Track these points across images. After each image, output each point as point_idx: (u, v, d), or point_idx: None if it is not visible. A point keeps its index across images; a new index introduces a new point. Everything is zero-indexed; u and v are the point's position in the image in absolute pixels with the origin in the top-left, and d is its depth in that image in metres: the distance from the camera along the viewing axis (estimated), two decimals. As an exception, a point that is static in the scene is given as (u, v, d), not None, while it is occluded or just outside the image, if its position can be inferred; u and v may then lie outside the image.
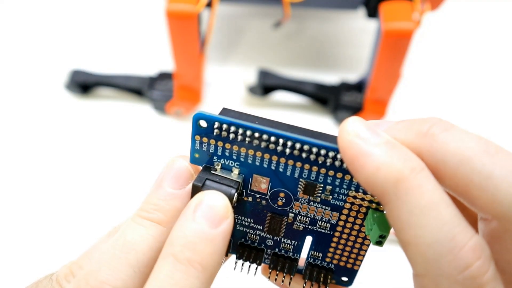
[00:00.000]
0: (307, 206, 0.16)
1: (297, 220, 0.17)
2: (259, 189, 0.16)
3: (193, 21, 0.39)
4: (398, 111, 0.53)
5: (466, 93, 0.55)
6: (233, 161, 0.16)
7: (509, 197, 0.11)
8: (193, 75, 0.46)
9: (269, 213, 0.17)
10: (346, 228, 0.17)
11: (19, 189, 0.47)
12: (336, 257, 0.18)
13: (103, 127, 0.52)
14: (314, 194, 0.16)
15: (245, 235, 0.18)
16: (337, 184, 0.15)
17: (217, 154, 0.16)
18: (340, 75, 0.53)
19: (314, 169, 0.15)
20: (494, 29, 0.61)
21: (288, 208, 0.17)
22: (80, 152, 0.50)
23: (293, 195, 0.16)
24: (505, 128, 0.53)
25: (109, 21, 0.60)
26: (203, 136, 0.16)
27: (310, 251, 0.18)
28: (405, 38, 0.38)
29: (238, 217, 0.18)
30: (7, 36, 0.59)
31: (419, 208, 0.11)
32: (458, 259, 0.11)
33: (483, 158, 0.12)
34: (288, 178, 0.16)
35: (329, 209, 0.16)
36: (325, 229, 0.17)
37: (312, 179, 0.15)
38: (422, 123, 0.14)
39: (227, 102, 0.53)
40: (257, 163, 0.16)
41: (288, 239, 0.18)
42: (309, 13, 0.61)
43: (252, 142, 0.15)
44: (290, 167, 0.15)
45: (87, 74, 0.51)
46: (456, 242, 0.11)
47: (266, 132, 0.15)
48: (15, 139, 0.51)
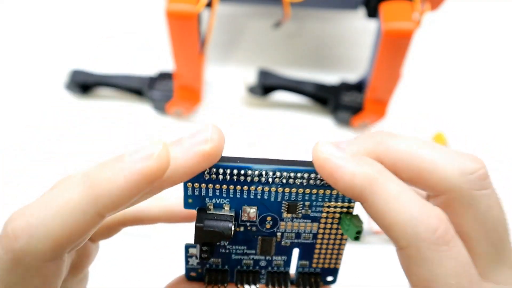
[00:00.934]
0: (291, 223, 0.19)
1: (284, 237, 0.20)
2: (249, 218, 0.19)
3: (193, 21, 0.39)
4: (398, 111, 0.53)
5: (466, 93, 0.55)
6: (223, 199, 0.18)
7: (451, 173, 0.16)
8: (193, 75, 0.46)
9: (259, 237, 0.19)
10: (325, 234, 0.20)
11: (19, 189, 0.47)
12: (321, 261, 0.21)
13: (103, 127, 0.52)
14: (296, 211, 0.19)
15: (241, 262, 0.20)
16: (313, 199, 0.18)
17: (208, 195, 0.18)
18: (340, 75, 0.53)
19: (293, 190, 0.18)
20: (494, 29, 0.61)
21: (276, 229, 0.19)
22: (80, 152, 0.50)
23: (278, 217, 0.19)
24: (505, 127, 0.53)
25: (109, 21, 0.60)
26: (195, 182, 0.17)
27: (298, 261, 0.21)
28: (405, 38, 0.38)
29: (233, 247, 0.20)
30: (7, 36, 0.59)
31: (392, 197, 0.15)
32: (429, 226, 0.15)
33: (426, 151, 0.16)
34: (273, 203, 0.18)
35: (310, 221, 0.19)
36: (309, 239, 0.20)
37: (293, 199, 0.18)
38: (374, 135, 0.17)
39: (227, 102, 0.53)
40: (244, 196, 0.18)
41: (278, 256, 0.20)
42: (309, 13, 0.61)
43: (239, 179, 0.17)
44: (273, 194, 0.18)
45: (87, 74, 0.51)
46: (425, 214, 0.15)
47: (249, 168, 0.17)
48: (15, 139, 0.51)
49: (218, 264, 0.20)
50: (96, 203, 0.15)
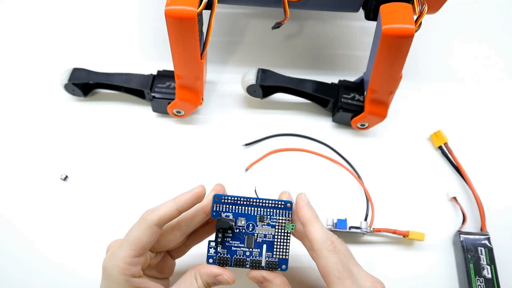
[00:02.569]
0: (261, 228, 0.35)
1: (258, 236, 0.35)
2: (241, 224, 0.35)
3: (192, 22, 0.39)
4: (398, 111, 0.53)
5: (465, 93, 0.55)
6: (229, 212, 0.35)
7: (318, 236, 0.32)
8: (193, 76, 0.46)
9: (246, 236, 0.35)
10: (277, 235, 0.35)
11: (19, 189, 0.47)
12: (278, 253, 0.35)
13: (103, 128, 0.51)
14: (264, 221, 0.35)
15: (236, 252, 0.35)
16: (272, 215, 0.35)
17: (223, 210, 0.35)
18: (340, 75, 0.53)
19: (264, 210, 0.35)
20: (494, 29, 0.61)
21: (254, 231, 0.35)
22: (80, 153, 0.50)
23: (255, 224, 0.35)
24: (504, 127, 0.53)
25: (109, 21, 0.60)
26: (217, 203, 0.35)
27: (266, 253, 0.35)
28: (405, 39, 0.38)
29: (233, 242, 0.35)
30: (6, 36, 0.59)
31: (317, 225, 0.33)
32: (330, 238, 0.32)
33: (312, 225, 0.33)
34: (252, 216, 0.35)
35: (270, 227, 0.35)
36: (270, 238, 0.35)
37: (262, 214, 0.35)
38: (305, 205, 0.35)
39: (227, 102, 0.53)
40: (238, 211, 0.35)
41: (256, 248, 0.35)
42: (309, 14, 0.61)
43: (236, 202, 0.35)
44: (253, 211, 0.35)
45: (88, 72, 0.50)
46: (328, 233, 0.32)
47: (241, 197, 0.35)
48: (15, 139, 0.51)
49: (224, 253, 0.35)
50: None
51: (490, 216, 0.46)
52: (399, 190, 0.49)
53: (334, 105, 0.51)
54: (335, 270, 0.30)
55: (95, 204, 0.47)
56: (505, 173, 0.50)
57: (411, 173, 0.50)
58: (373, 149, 0.51)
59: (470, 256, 0.43)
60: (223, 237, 0.35)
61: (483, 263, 0.43)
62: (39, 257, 0.44)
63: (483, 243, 0.44)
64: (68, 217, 0.46)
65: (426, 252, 0.45)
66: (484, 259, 0.43)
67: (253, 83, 0.49)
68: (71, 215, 0.46)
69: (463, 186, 0.49)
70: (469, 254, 0.44)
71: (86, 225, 0.46)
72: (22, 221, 0.46)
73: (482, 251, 0.44)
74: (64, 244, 0.45)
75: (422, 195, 0.48)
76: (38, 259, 0.44)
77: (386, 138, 0.52)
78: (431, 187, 0.49)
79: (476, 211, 0.47)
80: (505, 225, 0.47)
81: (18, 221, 0.46)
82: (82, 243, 0.45)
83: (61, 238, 0.45)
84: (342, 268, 0.30)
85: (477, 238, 0.44)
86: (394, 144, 0.51)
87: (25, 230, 0.45)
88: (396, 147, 0.51)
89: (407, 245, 0.46)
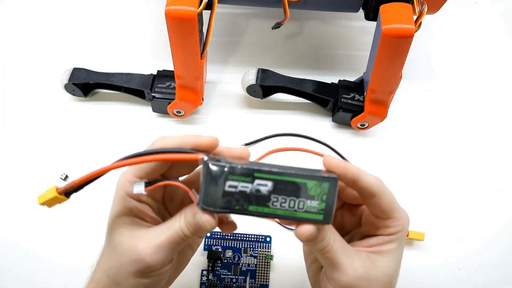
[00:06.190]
0: (245, 258, 0.42)
1: (243, 265, 0.42)
2: (228, 255, 0.42)
3: (192, 22, 0.39)
4: (398, 111, 0.53)
5: (465, 93, 0.55)
6: (218, 246, 0.42)
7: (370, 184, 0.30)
8: (193, 76, 0.46)
9: (232, 265, 0.42)
10: (259, 265, 0.43)
11: (19, 190, 0.47)
12: (260, 280, 0.42)
13: (104, 128, 0.52)
14: (247, 252, 0.41)
15: (224, 279, 0.42)
16: (254, 247, 0.42)
17: (213, 244, 0.42)
18: (340, 75, 0.53)
19: (247, 243, 0.41)
20: (493, 30, 0.61)
21: (239, 261, 0.41)
22: (80, 153, 0.50)
23: (240, 255, 0.42)
24: (505, 127, 0.53)
25: (109, 21, 0.60)
26: (208, 238, 0.42)
27: (249, 280, 0.41)
28: (405, 39, 0.38)
29: (221, 271, 0.42)
30: (7, 36, 0.59)
31: (363, 172, 0.30)
32: (378, 178, 0.31)
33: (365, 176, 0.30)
34: (238, 248, 0.41)
35: (252, 258, 0.43)
36: (253, 267, 0.42)
37: (247, 247, 0.42)
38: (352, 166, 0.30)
39: (227, 102, 0.53)
40: (226, 245, 0.43)
41: (241, 276, 0.41)
42: (309, 14, 0.61)
43: (224, 237, 0.42)
44: (238, 244, 0.41)
45: (88, 72, 0.50)
46: (373, 175, 0.30)
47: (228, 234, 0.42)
48: (15, 139, 0.51)
49: (215, 280, 0.41)
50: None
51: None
52: (399, 190, 0.48)
53: (334, 105, 0.51)
54: (395, 199, 0.32)
55: (95, 204, 0.47)
56: (505, 172, 0.50)
57: (411, 173, 0.50)
58: (373, 149, 0.51)
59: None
60: (213, 266, 0.42)
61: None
62: (39, 257, 0.44)
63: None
64: (68, 217, 0.46)
65: (426, 252, 0.45)
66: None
67: (253, 83, 0.49)
68: (71, 215, 0.46)
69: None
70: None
71: (86, 225, 0.46)
72: (22, 221, 0.46)
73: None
74: (64, 244, 0.45)
75: (422, 195, 0.48)
76: (38, 259, 0.44)
77: (386, 138, 0.52)
78: (431, 187, 0.49)
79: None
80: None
81: (18, 221, 0.46)
82: (82, 243, 0.45)
83: (61, 238, 0.45)
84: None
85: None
86: (394, 144, 0.51)
87: (25, 230, 0.45)
88: (396, 147, 0.51)
89: (407, 245, 0.46)
